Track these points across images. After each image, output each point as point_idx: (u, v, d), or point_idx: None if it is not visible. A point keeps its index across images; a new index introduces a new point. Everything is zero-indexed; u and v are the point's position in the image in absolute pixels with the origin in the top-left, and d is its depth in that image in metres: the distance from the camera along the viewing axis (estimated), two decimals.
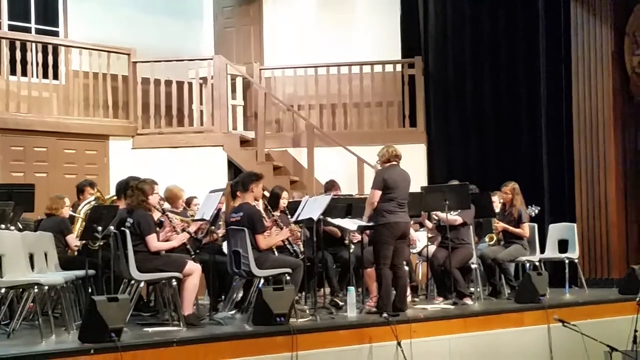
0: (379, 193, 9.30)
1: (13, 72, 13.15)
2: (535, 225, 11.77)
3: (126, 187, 9.04)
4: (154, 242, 8.60)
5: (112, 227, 8.67)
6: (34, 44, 13.38)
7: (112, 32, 14.52)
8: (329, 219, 9.87)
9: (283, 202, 10.23)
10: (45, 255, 8.91)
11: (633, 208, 13.24)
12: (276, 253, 9.55)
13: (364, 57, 15.08)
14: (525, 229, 11.24)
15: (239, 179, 9.76)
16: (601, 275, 12.95)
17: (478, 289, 10.96)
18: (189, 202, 10.99)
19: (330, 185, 11.37)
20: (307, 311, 9.39)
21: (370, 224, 9.48)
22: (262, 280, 9.10)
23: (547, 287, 10.64)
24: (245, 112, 15.46)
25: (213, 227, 9.64)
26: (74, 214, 9.82)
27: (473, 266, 10.88)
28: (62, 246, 9.48)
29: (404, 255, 9.67)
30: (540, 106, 13.95)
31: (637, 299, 9.43)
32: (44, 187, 12.06)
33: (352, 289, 9.60)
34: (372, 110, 15.17)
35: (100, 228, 8.64)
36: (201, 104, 14.78)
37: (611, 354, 8.96)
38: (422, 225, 11.37)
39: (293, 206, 10.12)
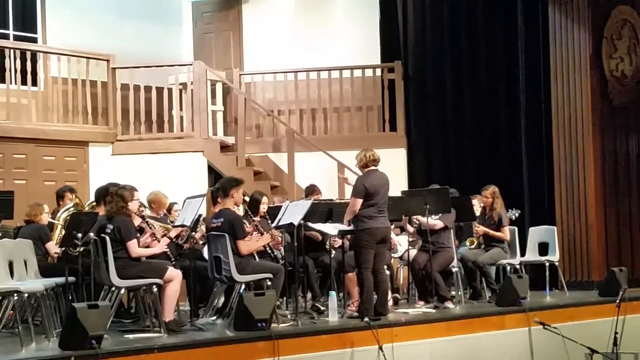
0: (360, 201, 9.29)
1: None
2: (516, 229, 11.80)
3: (106, 194, 8.99)
4: (135, 248, 8.58)
5: (92, 234, 8.63)
6: (12, 51, 13.33)
7: (91, 38, 14.49)
8: (310, 224, 9.87)
9: (263, 208, 10.22)
10: (25, 262, 8.87)
11: (612, 211, 13.30)
12: (257, 258, 9.54)
13: (344, 62, 15.11)
14: (506, 233, 11.28)
15: (220, 184, 9.74)
16: (581, 277, 12.99)
17: (459, 293, 10.98)
18: (169, 208, 10.96)
19: (311, 190, 11.36)
20: (289, 316, 9.38)
21: (350, 228, 9.50)
22: (243, 286, 9.08)
23: (527, 290, 10.68)
24: (225, 118, 15.44)
25: (193, 233, 9.62)
26: (52, 221, 9.77)
27: (454, 270, 10.90)
28: (41, 253, 9.44)
29: (384, 260, 9.68)
30: (520, 110, 14.00)
31: (617, 301, 9.47)
32: (23, 194, 12.02)
33: (333, 293, 9.60)
34: (352, 115, 15.19)
35: (80, 235, 8.59)
36: (181, 109, 14.77)
37: (592, 356, 9.00)
38: (403, 229, 11.38)
39: (273, 211, 10.11)
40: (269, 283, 9.06)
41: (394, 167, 13.60)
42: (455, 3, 14.85)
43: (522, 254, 11.98)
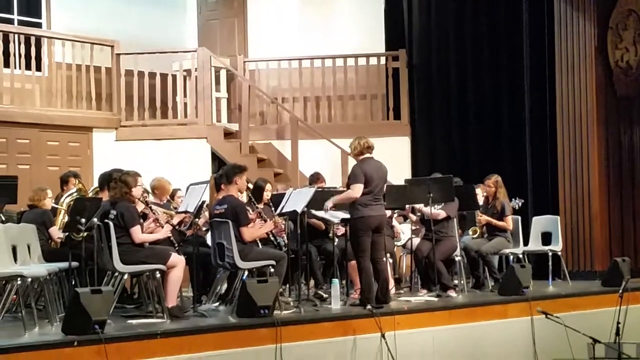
0: (361, 187, 9.22)
1: None
2: (519, 218, 11.80)
3: (109, 179, 9.01)
4: (139, 233, 8.58)
5: (95, 219, 8.64)
6: (16, 36, 13.31)
7: (96, 24, 14.47)
8: (313, 212, 9.86)
9: (267, 195, 10.22)
10: (28, 247, 8.87)
11: (615, 201, 13.29)
12: (260, 245, 9.54)
13: (348, 50, 15.09)
14: (509, 222, 11.27)
15: (223, 171, 9.74)
16: (584, 267, 13.00)
17: (462, 281, 10.99)
18: (172, 194, 10.96)
19: (315, 178, 11.37)
20: (291, 303, 9.39)
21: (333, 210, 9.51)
22: (246, 273, 9.09)
23: (530, 280, 10.66)
24: (229, 105, 15.43)
25: (196, 219, 9.62)
26: (56, 206, 9.78)
27: (457, 258, 10.91)
28: (45, 238, 9.44)
29: (382, 248, 9.57)
30: (524, 99, 13.97)
31: (620, 291, 9.48)
32: (26, 179, 12.03)
33: (336, 281, 9.61)
34: (356, 103, 15.18)
35: (83, 220, 8.60)
36: (185, 96, 14.74)
37: (594, 345, 9.01)
38: (406, 218, 11.38)
39: (277, 199, 10.10)
40: (272, 270, 9.07)
41: (397, 155, 13.66)
42: None
43: (525, 244, 11.99)
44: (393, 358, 8.70)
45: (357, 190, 9.24)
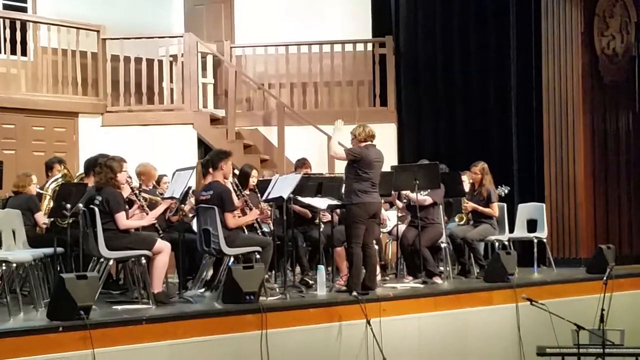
0: (346, 157, 9.31)
1: None
2: (505, 205, 11.82)
3: (95, 165, 8.99)
4: (124, 220, 8.56)
5: (80, 205, 8.61)
6: (1, 20, 13.24)
7: (82, 9, 14.40)
8: (300, 198, 9.86)
9: (253, 181, 10.21)
10: (14, 232, 8.84)
11: (601, 188, 13.32)
12: (246, 232, 9.54)
13: (335, 36, 15.07)
14: (495, 209, 11.28)
15: (209, 157, 9.72)
16: (569, 254, 13.04)
17: (447, 268, 11.01)
18: (158, 180, 10.94)
19: (301, 164, 11.35)
20: (277, 290, 9.40)
21: (339, 202, 9.49)
22: (232, 259, 9.09)
23: (515, 267, 10.70)
24: (216, 91, 15.39)
25: (182, 205, 9.61)
26: (41, 192, 9.75)
27: (443, 245, 10.92)
28: (30, 224, 9.40)
29: (374, 234, 9.69)
30: (511, 86, 14.00)
31: (604, 278, 9.50)
32: (12, 165, 12.01)
33: (321, 267, 9.61)
34: (342, 89, 15.17)
35: (69, 206, 8.58)
36: (171, 81, 14.71)
37: (578, 332, 9.02)
38: (392, 204, 11.39)
39: (263, 185, 10.09)
40: (258, 256, 9.07)
41: (384, 142, 13.48)
42: None
43: (511, 231, 12.03)
44: (378, 344, 8.73)
45: (343, 155, 9.35)
